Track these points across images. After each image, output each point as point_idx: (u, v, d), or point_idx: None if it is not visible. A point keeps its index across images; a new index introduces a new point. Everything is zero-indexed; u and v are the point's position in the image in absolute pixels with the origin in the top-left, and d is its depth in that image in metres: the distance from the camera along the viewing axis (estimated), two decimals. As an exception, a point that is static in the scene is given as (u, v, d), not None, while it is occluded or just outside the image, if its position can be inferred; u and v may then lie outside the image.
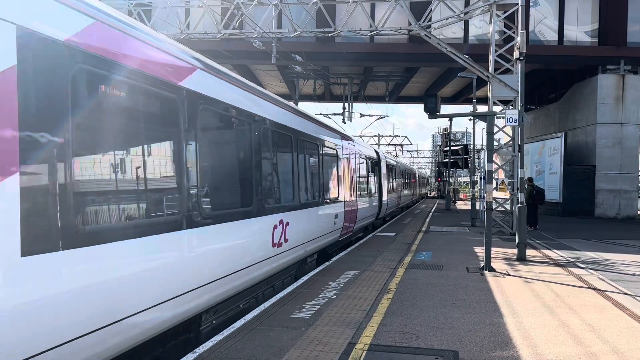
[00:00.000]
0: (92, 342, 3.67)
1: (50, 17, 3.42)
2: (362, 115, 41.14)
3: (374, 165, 18.24)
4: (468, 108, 33.82)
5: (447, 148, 36.52)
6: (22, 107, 3.13)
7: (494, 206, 14.57)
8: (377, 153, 19.63)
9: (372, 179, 17.85)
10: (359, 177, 14.93)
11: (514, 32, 15.92)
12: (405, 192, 31.98)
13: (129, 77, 4.11)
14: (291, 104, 9.73)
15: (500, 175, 20.77)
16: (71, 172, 3.47)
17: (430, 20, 16.46)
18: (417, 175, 47.60)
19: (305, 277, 8.91)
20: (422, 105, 10.79)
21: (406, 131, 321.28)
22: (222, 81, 5.98)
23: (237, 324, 5.98)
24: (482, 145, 40.08)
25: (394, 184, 25.21)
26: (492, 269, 9.93)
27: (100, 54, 3.81)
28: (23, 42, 3.16)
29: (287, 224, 7.78)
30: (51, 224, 3.28)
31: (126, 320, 3.97)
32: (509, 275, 9.65)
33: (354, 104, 35.10)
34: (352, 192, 13.48)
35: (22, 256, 3.06)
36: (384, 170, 20.64)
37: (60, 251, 3.33)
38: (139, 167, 4.28)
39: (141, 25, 4.62)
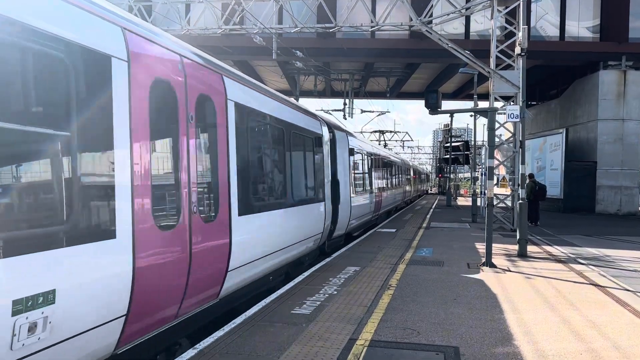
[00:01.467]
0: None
1: None
2: (362, 112, 41.11)
3: (316, 145, 10.73)
4: (469, 104, 33.77)
5: (448, 144, 36.44)
6: None
7: (494, 202, 14.56)
8: (328, 126, 12.23)
9: (312, 171, 10.25)
10: (263, 164, 7.59)
11: (515, 28, 15.87)
12: (391, 191, 23.55)
13: None
14: None
15: (501, 171, 20.75)
16: None
17: (431, 15, 16.39)
18: (411, 169, 38.85)
19: (306, 273, 8.91)
20: (422, 101, 10.76)
21: (407, 127, 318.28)
22: None
23: (238, 320, 5.98)
24: (483, 141, 40.03)
25: (368, 179, 17.61)
26: (493, 265, 9.92)
27: None
28: None
29: None
30: None
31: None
32: (510, 271, 9.65)
33: (354, 100, 35.03)
34: (217, 202, 5.71)
35: None
36: (343, 156, 13.13)
37: None
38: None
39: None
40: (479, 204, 22.54)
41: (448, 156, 36.94)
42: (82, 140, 3.64)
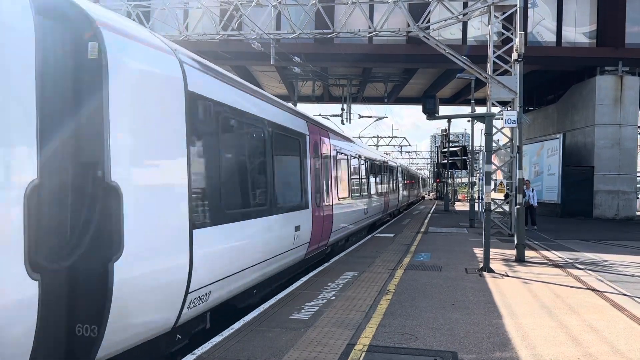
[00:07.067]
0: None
1: None
2: (360, 117, 41.12)
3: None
4: (467, 109, 33.84)
5: (446, 149, 36.49)
6: None
7: (492, 207, 14.57)
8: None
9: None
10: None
11: (512, 34, 15.93)
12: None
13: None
14: None
15: (499, 176, 20.79)
16: None
17: (428, 21, 16.46)
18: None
19: (304, 278, 8.92)
20: (418, 106, 10.89)
21: (402, 132, 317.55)
22: None
23: (236, 325, 5.99)
24: (480, 146, 40.12)
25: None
26: (490, 270, 9.94)
27: None
28: None
29: None
30: None
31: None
32: (508, 276, 9.66)
33: (352, 105, 35.11)
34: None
35: None
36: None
37: None
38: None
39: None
40: (476, 208, 22.57)
41: (446, 161, 37.00)
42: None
